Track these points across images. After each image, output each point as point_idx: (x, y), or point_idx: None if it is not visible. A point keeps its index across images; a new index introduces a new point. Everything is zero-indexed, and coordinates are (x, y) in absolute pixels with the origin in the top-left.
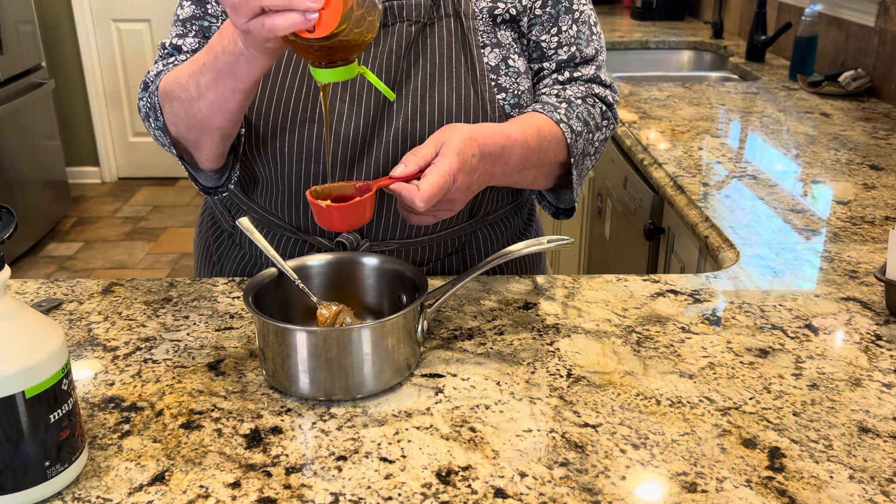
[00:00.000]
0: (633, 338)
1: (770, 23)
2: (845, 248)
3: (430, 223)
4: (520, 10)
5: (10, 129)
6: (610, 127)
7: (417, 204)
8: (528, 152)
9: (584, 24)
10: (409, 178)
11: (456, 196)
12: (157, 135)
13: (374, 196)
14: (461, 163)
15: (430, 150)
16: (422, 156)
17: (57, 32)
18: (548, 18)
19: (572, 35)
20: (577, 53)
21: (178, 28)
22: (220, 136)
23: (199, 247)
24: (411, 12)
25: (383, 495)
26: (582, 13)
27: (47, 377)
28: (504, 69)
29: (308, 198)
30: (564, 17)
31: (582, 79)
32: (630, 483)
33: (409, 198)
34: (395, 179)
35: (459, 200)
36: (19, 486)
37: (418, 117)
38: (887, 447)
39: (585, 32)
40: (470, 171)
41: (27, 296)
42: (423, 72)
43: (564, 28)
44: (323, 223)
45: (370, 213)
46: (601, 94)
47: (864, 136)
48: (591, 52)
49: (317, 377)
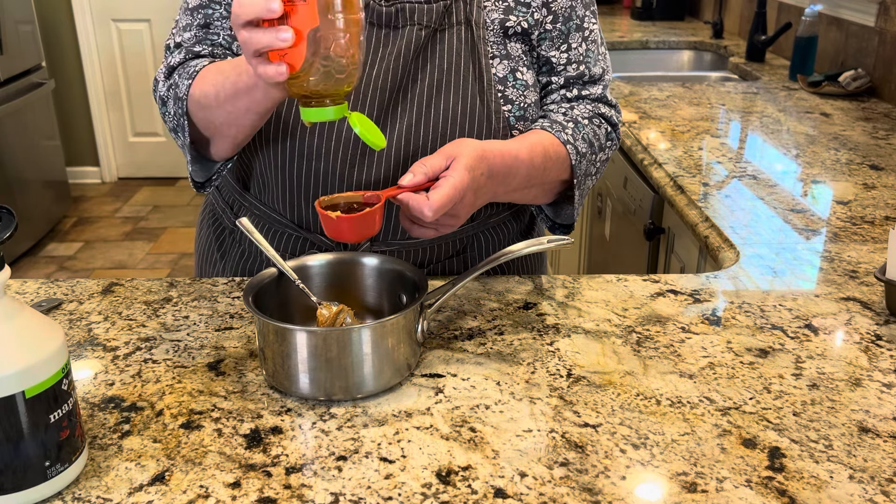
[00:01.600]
0: (633, 338)
1: (770, 23)
2: (845, 248)
3: (431, 236)
4: (531, 24)
5: (10, 129)
6: (613, 147)
7: (426, 213)
8: (532, 171)
9: (593, 42)
10: (417, 189)
11: (460, 212)
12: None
13: (383, 207)
14: (471, 180)
15: (439, 162)
16: (430, 166)
17: (57, 32)
18: (558, 35)
19: (581, 53)
20: (586, 71)
21: (186, 18)
22: (232, 143)
23: (201, 244)
24: (422, 16)
25: (383, 495)
26: (592, 32)
27: (47, 377)
28: (512, 81)
29: (318, 209)
30: (575, 34)
31: (589, 98)
32: (630, 483)
33: (418, 207)
34: (403, 189)
35: (462, 216)
36: (19, 486)
37: (422, 122)
38: (887, 447)
39: (594, 51)
40: (477, 188)
41: (27, 296)
42: (429, 77)
43: (574, 45)
44: (332, 234)
45: (379, 224)
46: (607, 114)
47: (864, 136)
48: (598, 71)
49: (317, 377)
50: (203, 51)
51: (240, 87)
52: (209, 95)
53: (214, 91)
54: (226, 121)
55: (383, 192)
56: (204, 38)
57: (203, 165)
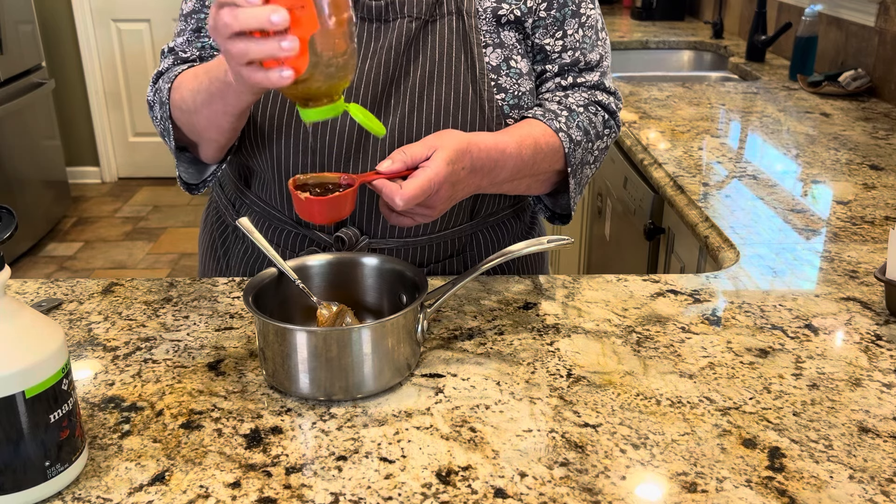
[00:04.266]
0: (633, 338)
1: (770, 23)
2: (845, 248)
3: (407, 225)
4: (524, 12)
5: (10, 129)
6: (612, 136)
7: (397, 202)
8: (521, 164)
9: (590, 28)
10: (395, 176)
11: (436, 204)
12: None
13: (355, 191)
14: (448, 173)
15: (420, 151)
16: (410, 155)
17: (57, 32)
18: (552, 22)
19: (577, 39)
20: (581, 58)
21: (180, 24)
22: (217, 146)
23: (204, 242)
24: (412, 8)
25: (383, 495)
26: (589, 17)
27: (47, 377)
28: (505, 69)
29: (290, 187)
30: (571, 20)
31: (585, 85)
32: (630, 483)
33: (390, 195)
34: (380, 175)
35: (439, 209)
36: (19, 486)
37: (415, 114)
38: (887, 447)
39: (591, 37)
40: (455, 182)
41: (27, 296)
42: (422, 69)
43: (570, 32)
44: (303, 214)
45: (350, 208)
46: (604, 101)
47: (864, 136)
48: (594, 57)
49: (317, 377)
50: (192, 55)
51: (213, 91)
52: (187, 101)
53: (191, 96)
54: (206, 124)
55: (359, 177)
56: (196, 41)
57: (198, 168)
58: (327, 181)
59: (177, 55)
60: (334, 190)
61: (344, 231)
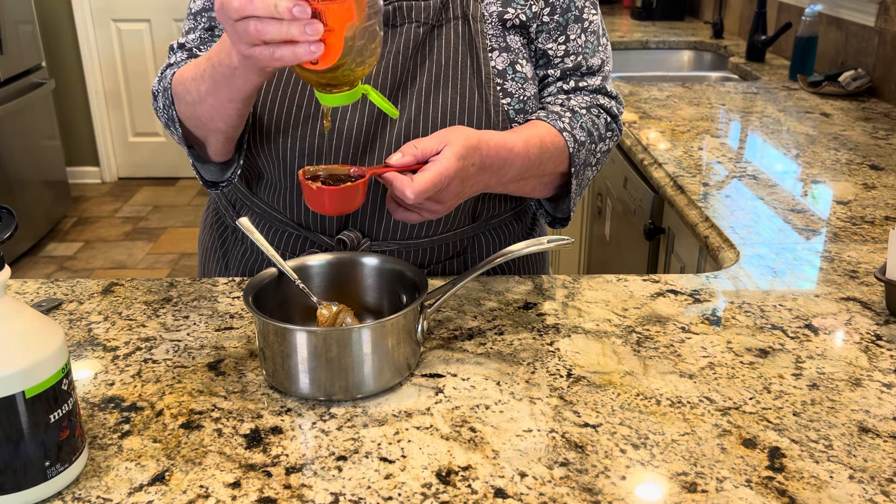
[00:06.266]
0: (633, 338)
1: (770, 23)
2: (845, 248)
3: (413, 220)
4: (529, 17)
5: (10, 129)
6: (614, 138)
7: (408, 194)
8: (527, 164)
9: (592, 33)
10: (405, 169)
11: (445, 199)
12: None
13: (366, 182)
14: (459, 168)
15: (430, 144)
16: (421, 148)
17: (57, 32)
18: (555, 27)
19: (580, 44)
20: (583, 62)
21: (190, 22)
22: (224, 137)
23: (204, 242)
24: (420, 13)
25: (383, 495)
26: (591, 23)
27: (47, 377)
28: (511, 74)
29: (300, 177)
30: (574, 25)
31: (587, 89)
32: (630, 483)
33: (401, 188)
34: (390, 168)
35: (447, 205)
36: (19, 486)
37: (421, 118)
38: (887, 447)
39: (593, 42)
40: (465, 178)
41: (27, 296)
42: (428, 73)
43: (573, 37)
44: (312, 205)
45: (361, 200)
46: (606, 105)
47: (864, 136)
48: (596, 62)
49: (317, 377)
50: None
51: (217, 77)
52: (191, 91)
53: (195, 86)
54: (211, 114)
55: (370, 169)
56: (210, 40)
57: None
58: (338, 173)
59: (191, 52)
60: (345, 181)
61: (346, 233)
